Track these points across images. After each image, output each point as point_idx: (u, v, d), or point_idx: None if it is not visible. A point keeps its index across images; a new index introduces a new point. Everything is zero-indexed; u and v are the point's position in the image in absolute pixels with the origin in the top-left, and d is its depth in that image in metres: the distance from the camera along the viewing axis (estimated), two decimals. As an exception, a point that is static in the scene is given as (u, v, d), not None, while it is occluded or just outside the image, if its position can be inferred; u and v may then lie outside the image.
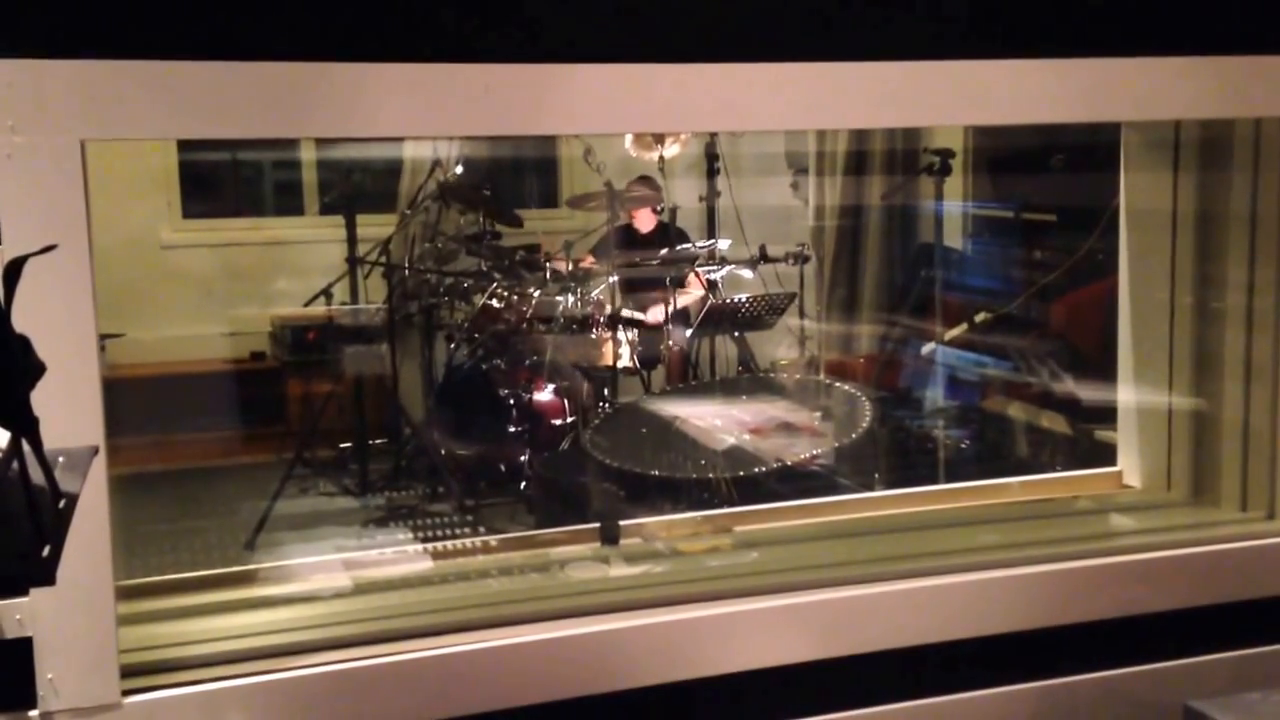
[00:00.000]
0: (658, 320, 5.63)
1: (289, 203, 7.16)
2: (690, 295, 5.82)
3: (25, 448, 1.16)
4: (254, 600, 2.64)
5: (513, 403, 5.21)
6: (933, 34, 2.55)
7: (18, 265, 1.15)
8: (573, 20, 2.35)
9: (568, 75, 2.30)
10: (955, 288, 5.51)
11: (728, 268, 5.77)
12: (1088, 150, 4.50)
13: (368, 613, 2.56)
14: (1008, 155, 5.75)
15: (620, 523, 3.03)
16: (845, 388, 4.81)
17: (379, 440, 5.79)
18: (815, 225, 6.81)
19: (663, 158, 5.84)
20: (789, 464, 4.03)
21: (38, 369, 1.16)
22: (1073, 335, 4.85)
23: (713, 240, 5.91)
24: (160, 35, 2.10)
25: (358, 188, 6.00)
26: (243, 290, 6.63)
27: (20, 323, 1.14)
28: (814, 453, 4.16)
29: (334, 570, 2.86)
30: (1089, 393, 4.31)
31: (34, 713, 2.09)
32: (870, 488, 3.96)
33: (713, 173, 6.09)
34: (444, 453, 5.39)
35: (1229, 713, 2.16)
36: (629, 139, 5.84)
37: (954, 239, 5.83)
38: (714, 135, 5.89)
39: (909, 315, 5.80)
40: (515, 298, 5.50)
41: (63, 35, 2.05)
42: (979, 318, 5.17)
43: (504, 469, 5.20)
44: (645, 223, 6.21)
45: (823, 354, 6.36)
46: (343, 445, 5.73)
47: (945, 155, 5.26)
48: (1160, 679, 2.72)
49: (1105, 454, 3.51)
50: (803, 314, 6.28)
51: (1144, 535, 2.99)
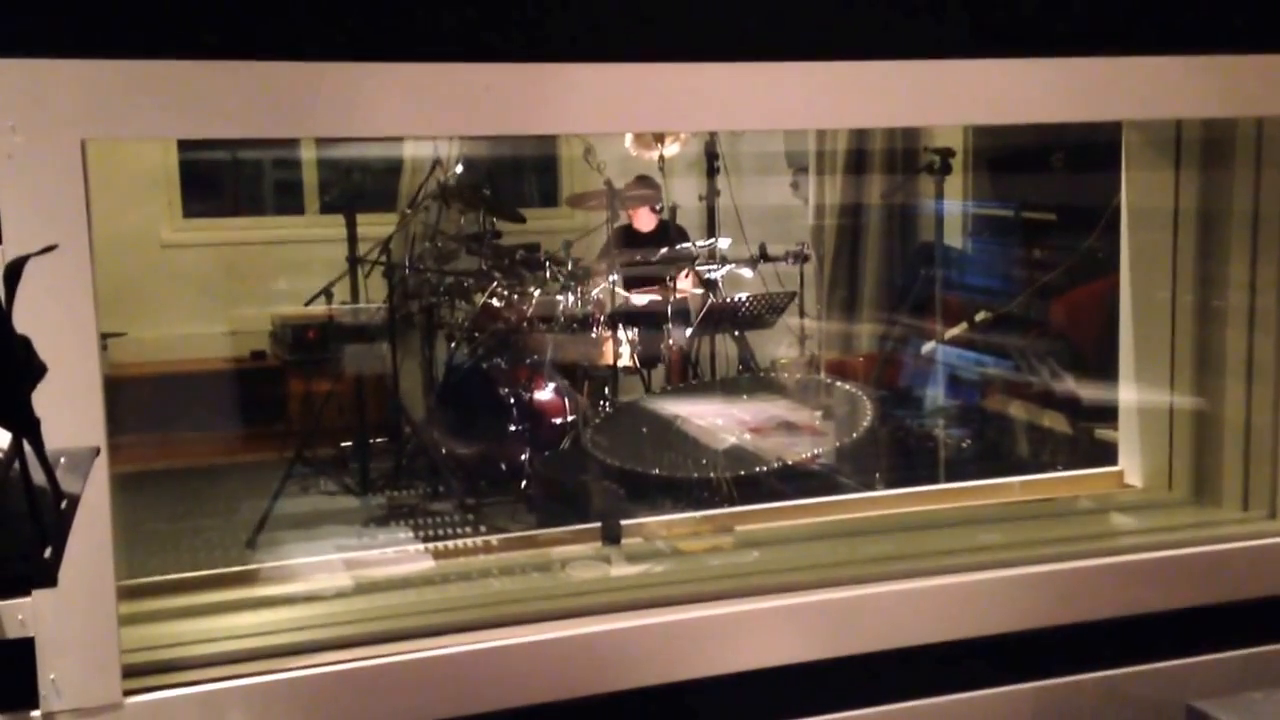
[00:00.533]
0: (651, 303, 5.62)
1: (289, 202, 7.15)
2: (684, 285, 5.82)
3: (27, 449, 1.16)
4: (255, 600, 2.64)
5: (513, 402, 5.20)
6: (933, 34, 2.55)
7: (19, 265, 1.14)
8: (573, 20, 2.35)
9: (568, 75, 2.30)
10: (955, 287, 5.50)
11: (728, 267, 5.76)
12: (1088, 149, 4.50)
13: (369, 612, 2.56)
14: (1008, 154, 5.75)
15: (621, 522, 3.03)
16: (846, 387, 4.80)
17: (379, 439, 5.78)
18: (815, 224, 6.80)
19: (663, 157, 5.83)
20: (789, 463, 4.03)
21: (39, 370, 1.16)
22: (1073, 334, 4.85)
23: (713, 239, 5.91)
24: (160, 35, 2.10)
25: (358, 187, 6.00)
26: (243, 289, 6.62)
27: (21, 323, 1.13)
28: (814, 452, 4.16)
29: (335, 570, 2.86)
30: (1090, 392, 4.31)
31: (36, 713, 2.09)
32: (871, 487, 3.96)
33: (713, 172, 6.08)
34: (444, 452, 5.38)
35: (1231, 712, 2.15)
36: (629, 138, 5.83)
37: (954, 238, 5.82)
38: (714, 134, 5.88)
39: (909, 314, 5.79)
40: (515, 297, 5.50)
41: (63, 35, 2.05)
42: (979, 317, 5.17)
43: (504, 468, 5.20)
44: (645, 222, 6.21)
45: (823, 353, 6.35)
46: (343, 444, 5.72)
47: (945, 154, 5.24)
48: (1162, 679, 2.72)
49: (1106, 453, 3.51)
50: (803, 313, 6.27)
51: (1145, 535, 2.99)
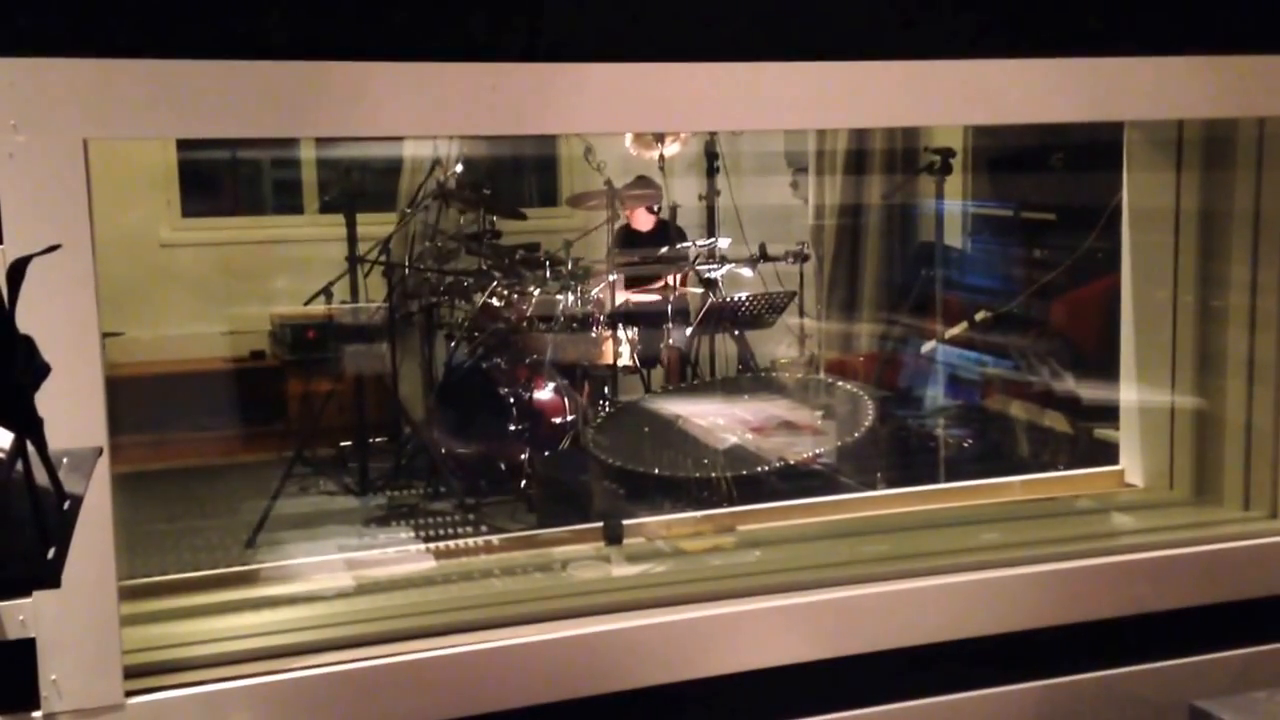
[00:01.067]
0: (650, 303, 5.63)
1: (289, 201, 7.15)
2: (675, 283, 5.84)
3: (30, 449, 1.16)
4: (256, 600, 2.64)
5: (513, 401, 5.20)
6: (934, 34, 2.54)
7: (22, 266, 1.14)
8: (573, 19, 2.35)
9: (568, 75, 2.30)
10: (955, 286, 5.50)
11: (727, 266, 5.76)
12: (1088, 149, 4.50)
13: (370, 613, 2.56)
14: (1008, 154, 5.74)
15: (622, 522, 3.03)
16: (846, 386, 4.80)
17: (379, 439, 5.78)
18: (815, 224, 6.80)
19: (663, 156, 5.83)
20: (790, 463, 4.02)
21: (42, 370, 1.16)
22: (1073, 334, 4.85)
23: (713, 239, 5.91)
24: (161, 35, 2.10)
25: (357, 186, 5.99)
26: (242, 289, 6.61)
27: (23, 323, 1.13)
28: (815, 452, 4.16)
29: (335, 570, 2.86)
30: (1090, 391, 4.30)
31: (37, 714, 2.09)
32: (871, 487, 3.95)
33: (712, 171, 6.08)
34: (444, 451, 5.38)
35: (1234, 712, 2.15)
36: (629, 137, 5.82)
37: (954, 238, 5.81)
38: (713, 134, 5.88)
39: (909, 314, 5.79)
40: (515, 296, 5.49)
41: (64, 35, 2.05)
42: (979, 316, 5.16)
43: (504, 468, 5.19)
44: (644, 222, 6.20)
45: (823, 353, 6.35)
46: (343, 444, 5.72)
47: (945, 154, 5.25)
48: (1164, 678, 2.72)
49: (1107, 453, 3.51)
50: (803, 313, 6.27)
51: (1146, 534, 2.99)
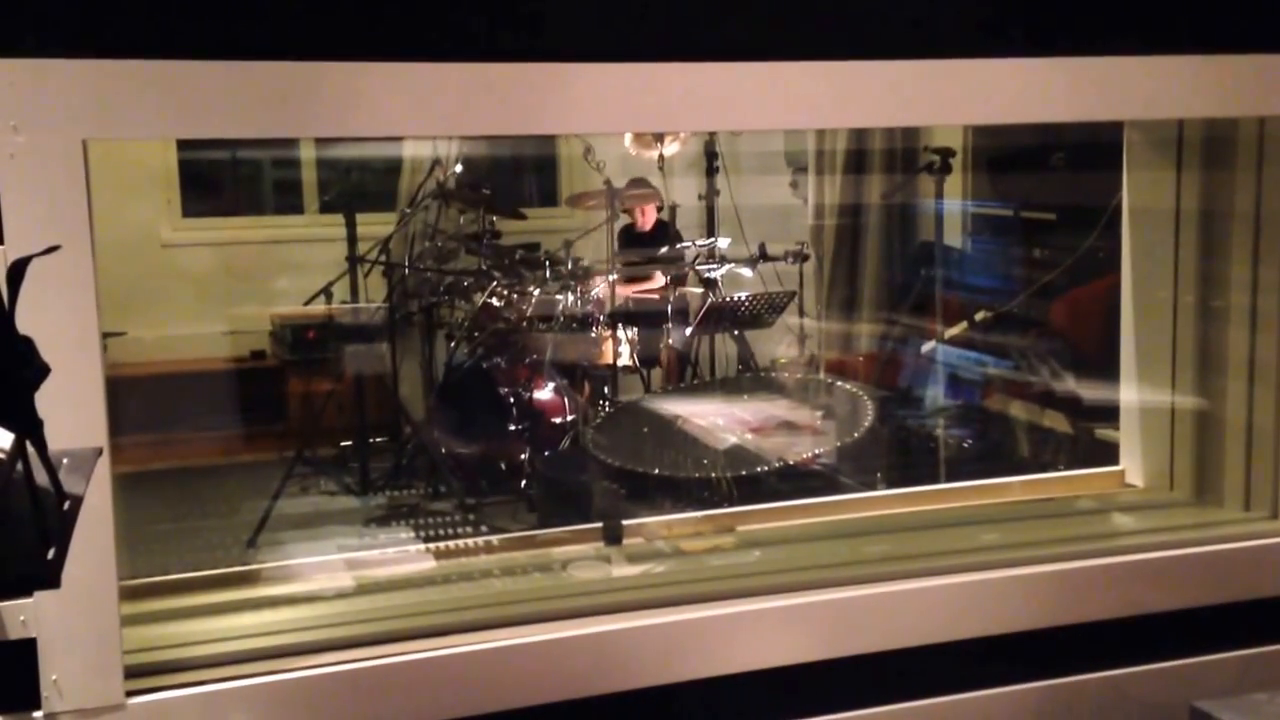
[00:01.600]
0: (649, 301, 5.63)
1: (289, 201, 7.14)
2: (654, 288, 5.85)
3: (30, 449, 1.16)
4: (257, 600, 2.64)
5: (513, 401, 5.20)
6: (933, 34, 2.54)
7: (21, 266, 1.14)
8: (573, 20, 2.35)
9: (570, 74, 2.30)
10: (955, 286, 5.49)
11: (727, 266, 5.76)
12: (1088, 149, 4.49)
13: (370, 613, 2.56)
14: (1008, 154, 5.74)
15: (622, 522, 3.03)
16: (846, 386, 4.80)
17: (379, 439, 5.78)
18: (815, 224, 6.79)
19: (662, 156, 5.83)
20: (790, 463, 4.02)
21: (42, 370, 1.16)
22: (1073, 334, 4.84)
23: (712, 239, 5.91)
24: (161, 35, 2.10)
25: (357, 186, 5.99)
26: (243, 289, 6.61)
27: (23, 323, 1.13)
28: (815, 452, 4.16)
29: (336, 570, 2.86)
30: (1090, 392, 4.30)
31: (38, 714, 2.09)
32: (871, 487, 3.95)
33: (712, 171, 6.08)
34: (444, 451, 5.38)
35: (1235, 713, 2.15)
36: (629, 137, 5.83)
37: (954, 237, 5.81)
38: (713, 134, 5.88)
39: (909, 314, 5.79)
40: (515, 296, 5.49)
41: (64, 35, 2.05)
42: (979, 316, 5.16)
43: (504, 468, 5.19)
44: (645, 222, 6.21)
45: (823, 353, 6.35)
46: (343, 444, 5.72)
47: (945, 154, 5.24)
48: (1165, 679, 2.72)
49: (1107, 453, 3.50)
50: (802, 313, 6.27)
51: (1147, 535, 2.99)
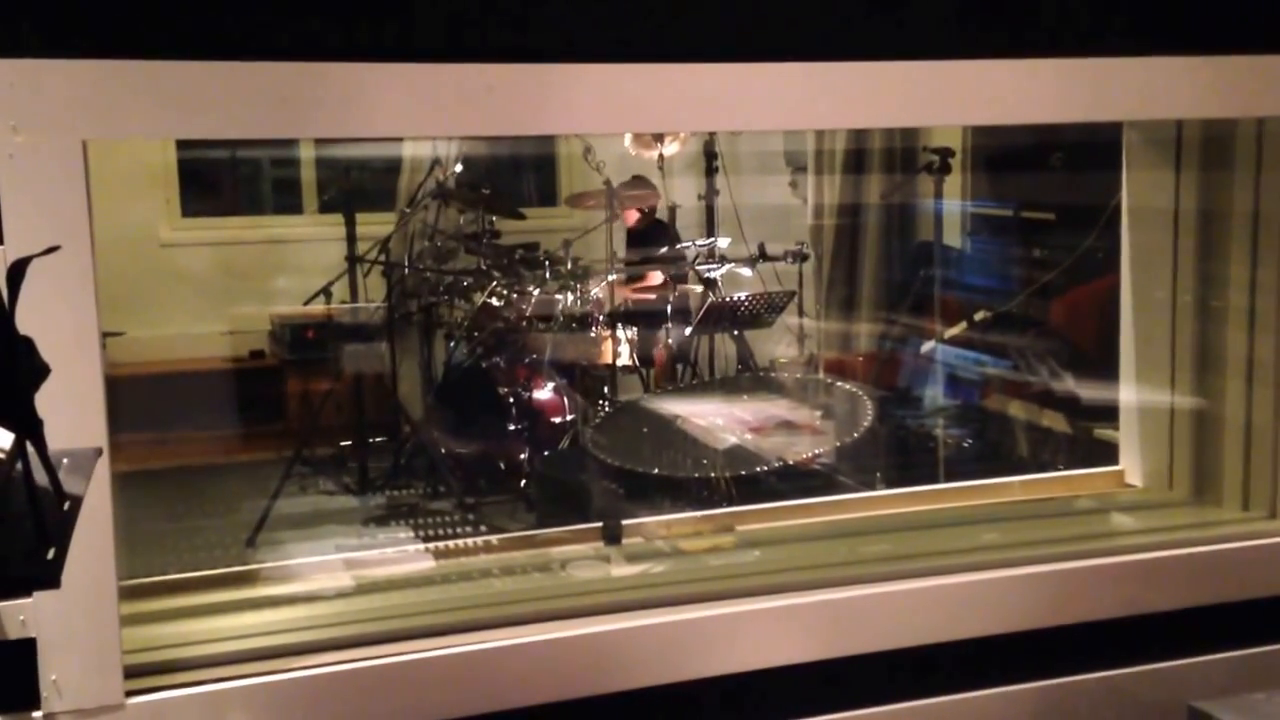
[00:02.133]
0: (649, 300, 5.64)
1: (288, 201, 7.15)
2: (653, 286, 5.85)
3: (29, 449, 1.16)
4: (256, 600, 2.64)
5: (512, 401, 5.20)
6: (933, 34, 2.54)
7: (22, 266, 1.15)
8: (574, 20, 2.35)
9: (569, 75, 2.30)
10: (954, 286, 5.49)
11: (727, 266, 5.76)
12: (1088, 149, 4.49)
13: (369, 613, 2.56)
14: (1007, 154, 5.74)
15: (621, 522, 3.03)
16: (845, 386, 4.80)
17: (379, 439, 5.78)
18: (814, 224, 6.80)
19: (662, 156, 5.83)
20: (789, 463, 4.02)
21: (42, 370, 1.16)
22: (1072, 333, 4.85)
23: (712, 238, 5.91)
24: (160, 35, 2.10)
25: (357, 186, 5.99)
26: (242, 288, 6.61)
27: (23, 324, 1.13)
28: (814, 452, 4.16)
29: (335, 569, 2.86)
30: (1090, 391, 4.30)
31: (38, 714, 2.09)
32: (871, 487, 3.95)
33: (711, 171, 6.08)
34: (444, 451, 5.38)
35: (1233, 713, 2.15)
36: (628, 137, 5.83)
37: (953, 237, 5.81)
38: (713, 134, 5.88)
39: (908, 314, 5.79)
40: (515, 296, 5.50)
41: (63, 35, 2.05)
42: (978, 316, 5.16)
43: (504, 467, 5.20)
44: (638, 222, 6.19)
45: (822, 352, 6.35)
46: (342, 444, 5.72)
47: (944, 154, 5.24)
48: (1163, 679, 2.72)
49: (1106, 453, 3.51)
50: (802, 312, 6.27)
51: (1146, 535, 2.99)
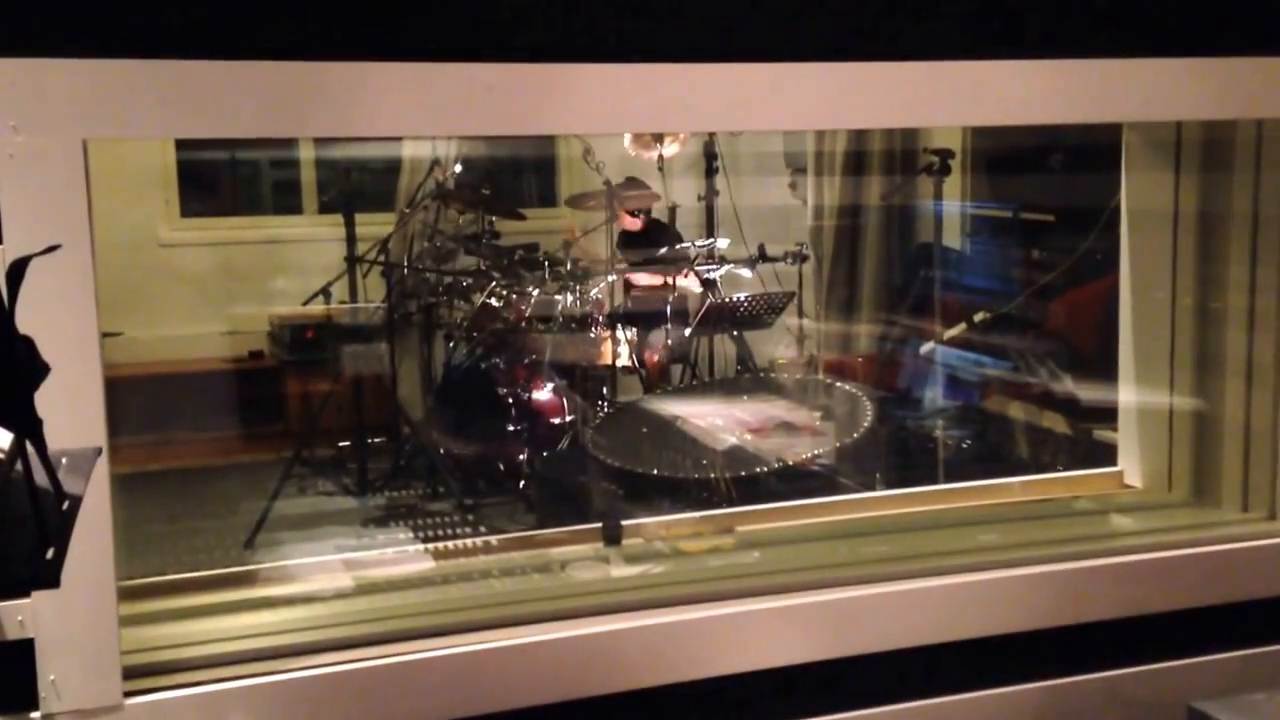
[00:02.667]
0: (650, 301, 5.64)
1: (287, 201, 7.15)
2: (676, 291, 5.82)
3: (29, 449, 1.16)
4: (255, 601, 2.64)
5: (512, 402, 5.20)
6: (933, 34, 2.54)
7: (21, 266, 1.14)
8: (573, 20, 2.35)
9: (568, 75, 2.30)
10: (954, 287, 5.50)
11: (726, 266, 5.76)
12: (1087, 150, 4.50)
13: (369, 613, 2.56)
14: (1007, 155, 5.74)
15: (621, 523, 3.03)
16: (845, 387, 4.80)
17: (378, 439, 5.78)
18: (814, 225, 6.80)
19: (662, 157, 5.83)
20: (789, 464, 4.02)
21: (41, 370, 1.16)
22: (1072, 335, 4.85)
23: (711, 239, 5.91)
24: (160, 35, 2.10)
25: (356, 186, 5.99)
26: (241, 289, 6.62)
27: (22, 323, 1.13)
28: (814, 453, 4.16)
29: (334, 570, 2.86)
30: (1089, 393, 4.30)
31: (36, 714, 2.09)
32: (870, 488, 3.95)
33: (711, 172, 6.08)
34: (443, 452, 5.38)
35: (1233, 713, 2.15)
36: (628, 138, 5.82)
37: (953, 239, 5.82)
38: (712, 134, 5.88)
39: (908, 315, 5.79)
40: (514, 296, 5.49)
41: (63, 35, 2.05)
42: (978, 317, 5.17)
43: (503, 468, 5.20)
44: (633, 223, 6.16)
45: (822, 353, 6.35)
46: (342, 444, 5.72)
47: (944, 155, 5.25)
48: (1162, 680, 2.72)
49: (1106, 454, 3.51)
50: (801, 313, 6.27)
51: (1145, 536, 2.99)
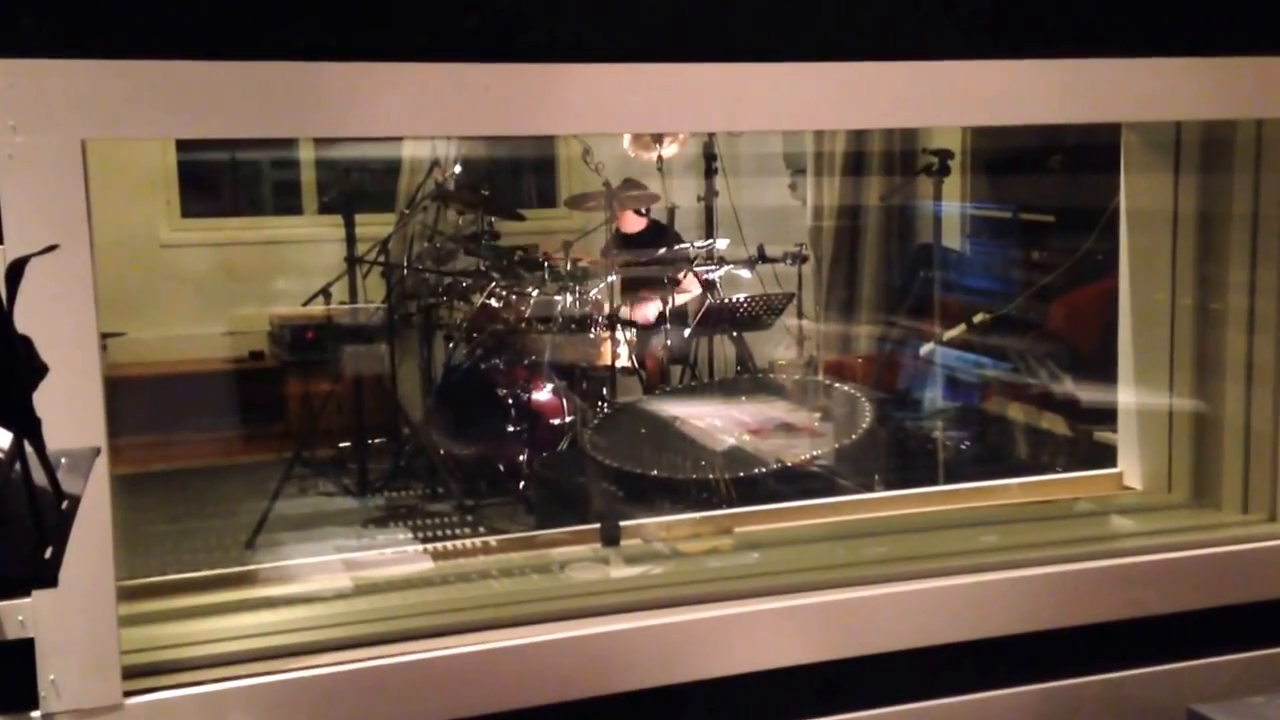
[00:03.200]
0: (649, 320, 5.65)
1: (288, 202, 7.15)
2: (687, 294, 5.81)
3: (28, 449, 1.16)
4: (255, 601, 2.64)
5: (511, 402, 5.20)
6: (933, 34, 2.55)
7: (20, 266, 1.14)
8: (573, 20, 2.35)
9: (568, 75, 2.30)
10: (954, 288, 5.49)
11: (726, 267, 5.76)
12: (1087, 151, 4.50)
13: (368, 613, 2.56)
14: (1006, 156, 5.74)
15: (620, 524, 3.03)
16: (844, 388, 4.80)
17: (378, 440, 5.78)
18: (813, 225, 6.79)
19: (661, 157, 5.83)
20: (788, 465, 4.02)
21: (40, 370, 1.16)
22: (1072, 336, 4.85)
23: (711, 240, 5.90)
24: (160, 35, 2.10)
25: (356, 187, 5.99)
26: (241, 289, 6.62)
27: (22, 323, 1.13)
28: (813, 454, 4.16)
29: (334, 570, 2.86)
30: (1089, 394, 4.30)
31: (36, 714, 2.09)
32: (870, 489, 3.95)
33: (711, 172, 6.08)
34: (443, 452, 5.38)
35: (1232, 716, 2.15)
36: (627, 139, 5.82)
37: (952, 239, 5.81)
38: (712, 135, 5.88)
39: (907, 316, 5.79)
40: (514, 297, 5.49)
41: (63, 35, 2.05)
42: (977, 318, 5.16)
43: (503, 469, 5.20)
44: (632, 225, 6.15)
45: (821, 354, 6.35)
46: (342, 445, 5.72)
47: (944, 156, 5.24)
48: (1162, 682, 2.72)
49: (1106, 455, 3.51)
50: (801, 314, 6.27)
51: (1145, 537, 2.99)
